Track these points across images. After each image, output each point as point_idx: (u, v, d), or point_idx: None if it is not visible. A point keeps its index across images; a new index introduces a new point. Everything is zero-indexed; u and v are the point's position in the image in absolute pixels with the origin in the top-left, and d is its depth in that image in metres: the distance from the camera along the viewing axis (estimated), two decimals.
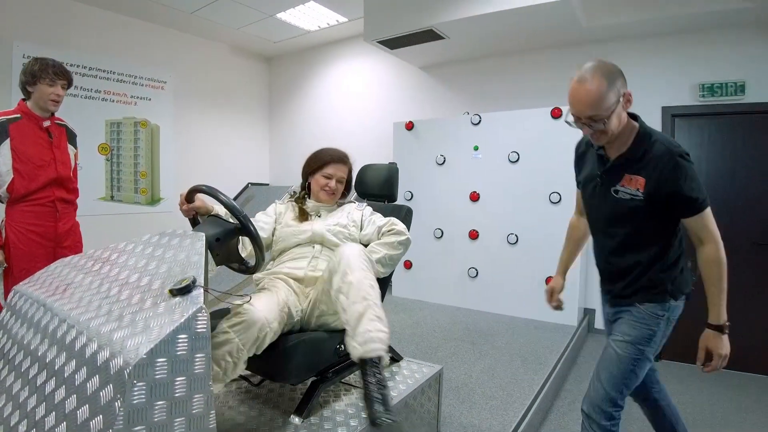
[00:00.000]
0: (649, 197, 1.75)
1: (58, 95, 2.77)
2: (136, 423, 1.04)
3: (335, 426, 1.80)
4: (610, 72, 1.72)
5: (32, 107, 2.76)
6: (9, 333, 1.58)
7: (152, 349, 1.06)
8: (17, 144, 2.64)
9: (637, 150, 1.78)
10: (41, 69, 2.70)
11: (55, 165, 2.77)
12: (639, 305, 1.88)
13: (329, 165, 2.36)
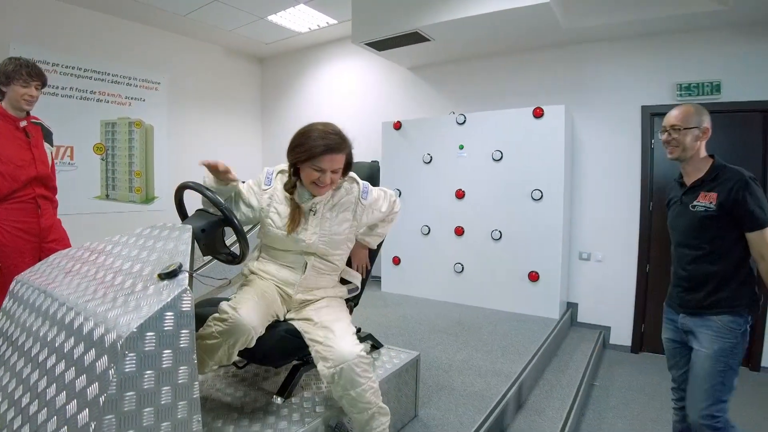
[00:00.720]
0: (720, 208, 2.09)
1: (32, 96, 2.77)
2: (128, 389, 1.18)
3: (314, 405, 1.95)
4: (701, 109, 2.24)
5: (7, 107, 2.75)
6: (12, 318, 1.71)
7: (142, 324, 1.20)
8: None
9: (711, 174, 2.19)
10: (15, 70, 2.70)
11: (35, 164, 2.81)
12: (718, 318, 2.13)
13: (318, 158, 1.97)
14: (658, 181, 4.72)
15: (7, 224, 2.71)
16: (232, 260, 1.95)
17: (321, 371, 1.80)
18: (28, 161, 2.78)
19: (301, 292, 2.04)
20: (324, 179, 1.98)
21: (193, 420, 1.32)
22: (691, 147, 2.22)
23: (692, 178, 2.27)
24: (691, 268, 2.24)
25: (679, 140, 2.22)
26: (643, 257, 4.80)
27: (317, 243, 2.03)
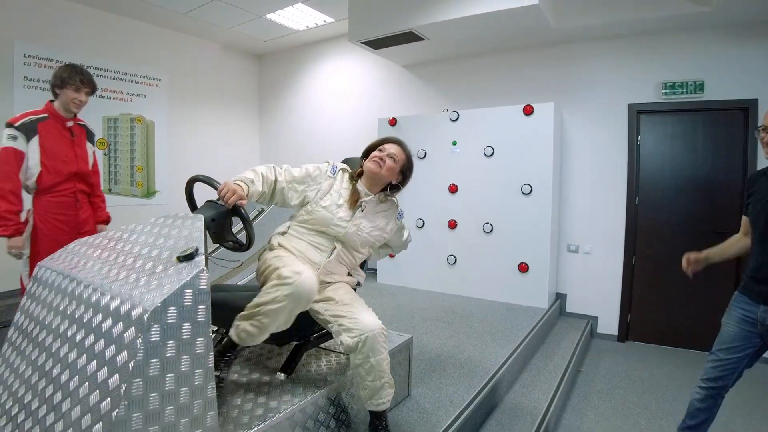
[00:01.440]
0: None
1: (81, 100, 3.05)
2: (153, 356, 1.35)
3: (315, 381, 2.12)
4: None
5: (58, 108, 3.04)
6: (38, 299, 1.87)
7: (165, 299, 1.37)
8: (44, 141, 2.94)
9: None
10: (69, 76, 2.96)
11: (76, 161, 3.10)
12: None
13: (386, 143, 2.34)
14: (644, 177, 4.90)
15: (49, 215, 2.99)
16: (238, 248, 2.12)
17: (345, 342, 1.98)
18: (71, 158, 3.07)
19: (323, 274, 2.20)
20: (383, 157, 2.27)
21: (208, 387, 1.49)
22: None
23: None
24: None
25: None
26: (629, 250, 4.98)
27: (353, 234, 2.24)
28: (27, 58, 5.18)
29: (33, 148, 2.90)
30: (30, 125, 2.91)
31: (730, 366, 2.42)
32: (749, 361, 2.43)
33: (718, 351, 2.48)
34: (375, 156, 2.29)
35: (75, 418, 1.38)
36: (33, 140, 2.90)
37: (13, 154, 2.85)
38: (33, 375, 1.66)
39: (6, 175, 2.84)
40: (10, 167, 2.85)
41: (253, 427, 1.72)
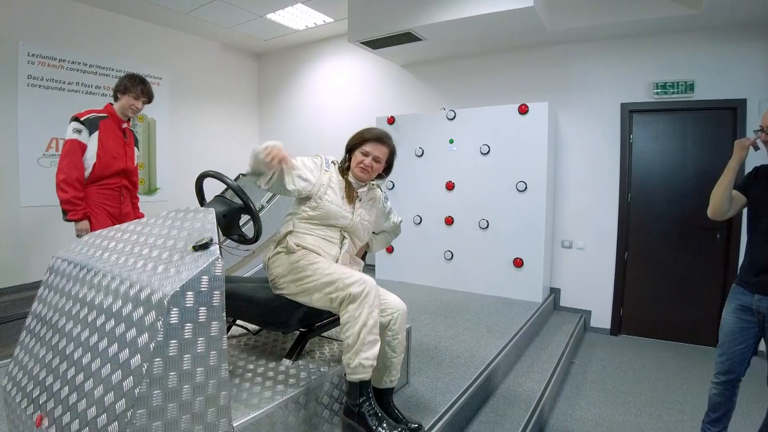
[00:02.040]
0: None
1: (138, 108, 3.42)
2: (172, 338, 1.45)
3: (318, 367, 2.23)
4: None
5: (116, 110, 3.40)
6: (55, 289, 1.97)
7: (183, 284, 1.48)
8: (102, 137, 3.28)
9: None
10: (132, 84, 3.34)
11: (125, 159, 3.44)
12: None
13: (368, 143, 2.36)
14: (636, 175, 5.03)
15: (97, 205, 3.29)
16: (245, 241, 2.23)
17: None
18: (121, 155, 3.40)
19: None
20: (367, 162, 2.34)
21: (222, 368, 1.60)
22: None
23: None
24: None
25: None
26: (621, 245, 5.11)
27: (358, 224, 2.36)
28: (31, 57, 5.26)
29: (93, 141, 3.23)
30: (93, 121, 3.26)
31: (737, 357, 2.57)
32: (754, 349, 2.58)
33: (723, 345, 2.63)
34: (360, 163, 2.35)
35: (98, 396, 1.48)
36: (94, 135, 3.24)
37: (78, 146, 3.19)
38: (54, 359, 1.76)
39: (73, 164, 3.16)
40: (76, 157, 3.18)
41: (261, 408, 1.83)
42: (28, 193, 5.29)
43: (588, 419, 3.39)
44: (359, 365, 1.98)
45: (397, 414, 2.23)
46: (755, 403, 3.31)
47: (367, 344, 1.98)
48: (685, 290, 4.78)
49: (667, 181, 4.88)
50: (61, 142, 5.40)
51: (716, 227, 4.63)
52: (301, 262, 2.17)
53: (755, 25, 4.44)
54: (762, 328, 2.49)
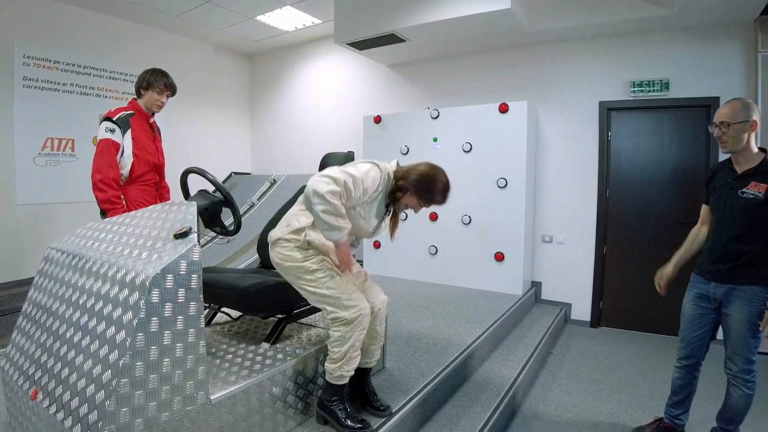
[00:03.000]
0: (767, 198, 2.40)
1: (163, 102, 3.36)
2: (153, 315, 1.62)
3: (295, 350, 2.39)
4: (748, 103, 2.48)
5: (142, 105, 3.33)
6: (50, 276, 2.14)
7: (164, 268, 1.65)
8: (135, 134, 3.23)
9: (764, 167, 2.47)
10: (155, 79, 3.28)
11: (157, 154, 3.42)
12: (748, 288, 2.48)
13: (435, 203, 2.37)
14: (614, 171, 5.20)
15: (137, 203, 3.25)
16: (227, 233, 2.39)
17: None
18: (154, 151, 3.38)
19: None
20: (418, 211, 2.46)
21: (200, 344, 1.77)
22: (740, 140, 2.47)
23: (744, 167, 2.53)
24: (731, 245, 2.56)
25: (729, 135, 2.49)
26: (600, 240, 5.28)
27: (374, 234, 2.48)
28: (26, 59, 5.41)
29: (127, 140, 3.19)
30: (124, 119, 3.20)
31: (696, 342, 2.76)
32: (712, 336, 2.77)
33: (683, 331, 2.84)
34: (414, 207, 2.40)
35: (87, 369, 1.65)
36: (127, 133, 3.19)
37: (113, 145, 3.13)
38: (48, 339, 1.93)
39: (109, 164, 3.12)
40: (111, 157, 3.13)
41: (238, 384, 1.99)
42: (24, 191, 5.45)
43: (560, 405, 3.54)
44: (341, 375, 2.22)
45: (370, 392, 2.43)
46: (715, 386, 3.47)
47: (351, 360, 2.22)
48: None
49: (644, 177, 5.05)
50: (56, 141, 5.57)
51: (692, 222, 4.77)
52: (308, 263, 2.22)
53: (727, 26, 4.61)
54: (719, 314, 2.67)
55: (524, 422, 3.27)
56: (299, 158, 7.52)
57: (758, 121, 2.47)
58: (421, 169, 2.33)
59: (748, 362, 2.55)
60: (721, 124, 2.51)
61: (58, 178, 5.74)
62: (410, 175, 2.31)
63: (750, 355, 2.54)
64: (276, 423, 2.16)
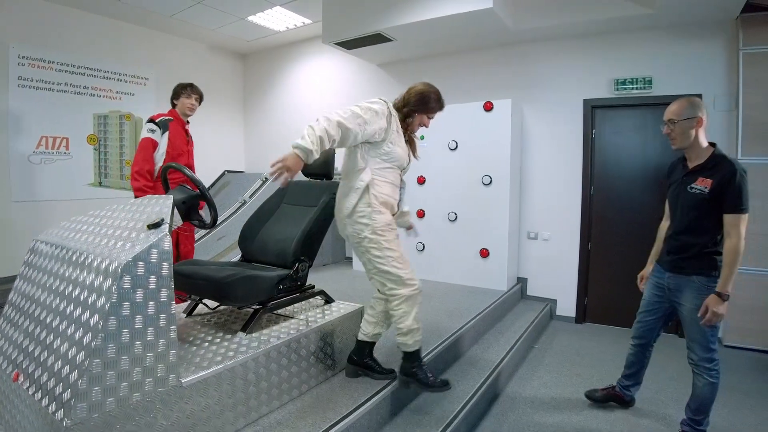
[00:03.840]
0: (711, 193, 2.52)
1: (193, 105, 4.04)
2: (124, 300, 1.72)
3: (269, 339, 2.49)
4: (695, 102, 2.61)
5: (178, 112, 4.00)
6: (34, 266, 2.24)
7: (135, 255, 1.74)
8: (171, 136, 3.83)
9: (710, 163, 2.58)
10: (182, 88, 4.01)
11: (188, 156, 3.99)
12: (696, 278, 2.64)
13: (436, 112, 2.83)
14: (599, 168, 5.29)
15: None
16: (203, 225, 2.50)
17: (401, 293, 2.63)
18: (185, 153, 3.96)
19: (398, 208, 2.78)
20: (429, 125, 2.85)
21: (171, 329, 1.87)
22: (687, 137, 2.61)
23: (694, 163, 2.66)
24: (680, 237, 2.73)
25: (676, 131, 2.64)
26: (585, 236, 5.36)
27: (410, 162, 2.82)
28: (21, 59, 5.52)
29: (164, 140, 3.78)
30: (164, 123, 3.83)
31: (648, 326, 3.03)
32: (664, 322, 3.00)
33: (639, 314, 3.10)
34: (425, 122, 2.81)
35: (63, 351, 1.75)
36: (165, 135, 3.79)
37: (151, 143, 3.74)
38: (30, 325, 2.03)
39: (145, 158, 3.70)
40: (148, 153, 3.72)
41: (210, 368, 2.09)
42: (19, 189, 5.56)
43: (536, 397, 3.62)
44: (415, 342, 2.65)
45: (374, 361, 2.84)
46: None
47: (418, 330, 2.65)
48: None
49: (628, 174, 5.13)
50: (50, 140, 5.69)
51: None
52: (382, 240, 2.54)
53: (708, 23, 4.69)
54: (671, 303, 2.84)
55: (499, 414, 3.35)
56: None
57: (704, 118, 2.58)
58: (415, 91, 2.73)
59: (706, 350, 2.66)
60: (668, 121, 2.66)
61: (53, 175, 5.85)
62: (410, 100, 2.71)
63: (707, 343, 2.65)
64: (249, 408, 2.26)
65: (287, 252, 2.84)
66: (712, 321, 2.52)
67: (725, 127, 4.66)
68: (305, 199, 3.22)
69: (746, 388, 3.75)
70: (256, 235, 3.18)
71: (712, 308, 2.49)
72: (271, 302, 2.70)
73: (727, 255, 2.51)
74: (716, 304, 2.49)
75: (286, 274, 2.76)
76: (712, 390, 2.70)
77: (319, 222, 2.98)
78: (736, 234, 2.48)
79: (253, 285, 2.49)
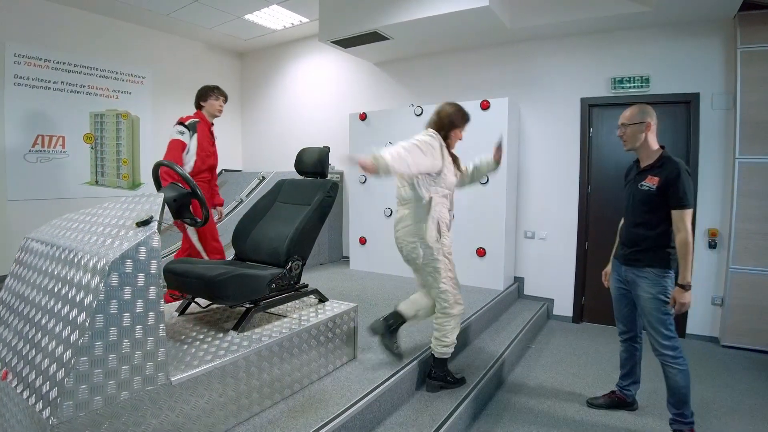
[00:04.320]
0: (659, 190, 2.71)
1: (221, 107, 4.23)
2: (112, 298, 1.70)
3: (261, 338, 2.47)
4: (644, 110, 2.85)
5: (205, 114, 4.14)
6: (25, 264, 2.23)
7: (123, 253, 1.73)
8: (200, 138, 3.96)
9: (658, 163, 2.79)
10: (210, 90, 4.18)
11: (214, 157, 4.14)
12: (649, 270, 2.80)
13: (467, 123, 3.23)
14: (596, 167, 5.27)
15: None
16: (194, 224, 2.48)
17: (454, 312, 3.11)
18: (212, 153, 4.12)
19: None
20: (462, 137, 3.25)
21: (159, 328, 1.85)
22: (637, 139, 2.85)
23: (645, 163, 2.87)
24: (633, 231, 2.91)
25: (627, 134, 2.88)
26: (582, 236, 5.35)
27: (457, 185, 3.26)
28: (17, 57, 5.50)
29: (192, 142, 3.90)
30: (193, 125, 3.96)
31: (627, 317, 3.16)
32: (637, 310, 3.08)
33: (615, 310, 3.24)
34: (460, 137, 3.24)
35: (51, 349, 1.73)
36: (193, 137, 3.91)
37: (180, 144, 3.86)
38: (20, 323, 2.02)
39: (175, 159, 3.76)
40: (177, 153, 3.83)
41: (200, 367, 2.07)
42: (15, 187, 5.54)
43: (532, 397, 3.59)
44: (447, 352, 3.10)
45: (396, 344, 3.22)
46: None
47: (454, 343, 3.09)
48: None
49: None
50: (46, 138, 5.69)
51: None
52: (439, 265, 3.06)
53: (706, 22, 4.68)
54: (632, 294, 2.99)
55: (495, 414, 3.33)
56: (289, 155, 7.52)
57: (652, 124, 2.83)
58: (446, 114, 3.10)
59: (665, 338, 2.80)
60: (621, 125, 2.91)
61: (49, 174, 5.82)
62: (445, 123, 3.09)
63: (666, 331, 2.80)
64: (240, 407, 2.25)
65: (280, 250, 2.83)
66: (682, 311, 2.70)
67: (723, 126, 4.65)
68: (299, 197, 3.21)
69: (744, 388, 3.74)
70: (250, 234, 3.16)
71: (679, 300, 2.67)
72: (264, 301, 2.69)
73: (679, 248, 2.67)
74: (681, 295, 2.66)
75: (279, 272, 2.75)
76: (684, 377, 2.79)
77: (313, 220, 2.98)
78: (684, 228, 2.64)
79: (245, 284, 2.48)
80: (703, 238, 4.75)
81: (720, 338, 4.65)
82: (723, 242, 4.66)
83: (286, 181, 3.43)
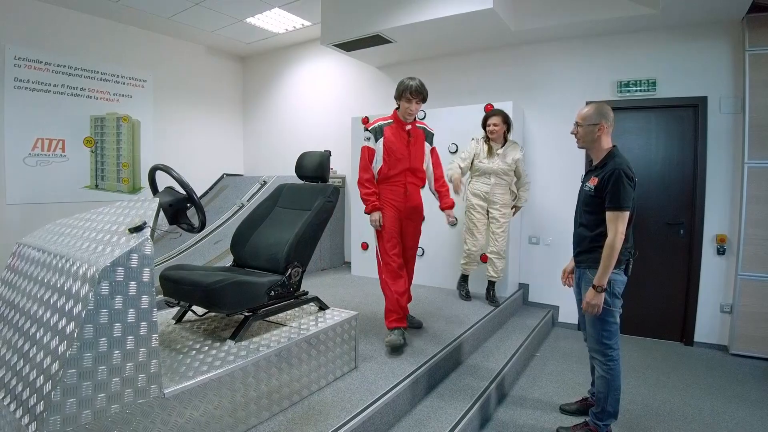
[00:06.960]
0: (596, 190, 2.71)
1: (413, 109, 3.63)
2: (102, 307, 1.63)
3: (259, 347, 2.40)
4: (602, 108, 2.81)
5: (400, 115, 3.70)
6: (17, 271, 2.16)
7: (113, 261, 1.66)
8: (387, 141, 3.63)
9: (601, 163, 2.78)
10: (404, 90, 3.61)
11: (409, 159, 3.70)
12: (588, 272, 2.78)
13: (488, 120, 4.53)
14: None
15: (385, 201, 3.67)
16: (191, 229, 2.41)
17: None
18: (405, 156, 3.69)
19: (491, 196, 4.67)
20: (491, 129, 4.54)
21: (152, 338, 1.78)
22: (589, 139, 2.83)
23: (594, 164, 2.87)
24: (577, 232, 2.97)
25: (580, 133, 2.87)
26: None
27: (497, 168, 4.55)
28: (17, 60, 5.46)
29: (379, 146, 3.63)
30: (378, 129, 3.66)
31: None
32: None
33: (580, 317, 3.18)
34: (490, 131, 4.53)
35: (39, 361, 1.66)
36: (380, 140, 3.63)
37: (367, 151, 3.64)
38: (9, 332, 1.95)
39: (363, 167, 3.64)
40: (365, 161, 3.64)
41: (195, 379, 2.00)
42: (14, 191, 5.49)
43: (538, 406, 3.52)
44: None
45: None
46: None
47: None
48: (650, 285, 4.92)
49: None
50: (46, 142, 5.67)
51: (679, 223, 4.81)
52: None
53: (713, 24, 4.61)
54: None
55: (500, 424, 3.25)
56: (291, 159, 7.47)
57: (606, 125, 2.77)
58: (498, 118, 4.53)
59: (598, 343, 2.79)
60: (576, 123, 2.89)
61: (49, 178, 5.78)
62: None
63: (599, 337, 2.78)
64: (236, 419, 2.17)
65: (279, 257, 2.76)
66: (590, 312, 2.68)
67: (731, 130, 4.57)
68: (299, 203, 3.15)
69: (754, 398, 3.65)
70: (248, 240, 3.10)
71: (587, 299, 2.66)
72: (262, 309, 2.61)
73: (605, 248, 2.62)
74: (591, 296, 2.65)
75: (278, 279, 2.68)
76: (604, 384, 2.81)
77: (314, 226, 2.91)
78: (613, 230, 2.60)
79: (243, 291, 2.41)
80: (712, 244, 4.67)
81: (729, 346, 4.55)
82: (732, 248, 4.57)
83: (287, 186, 3.36)
